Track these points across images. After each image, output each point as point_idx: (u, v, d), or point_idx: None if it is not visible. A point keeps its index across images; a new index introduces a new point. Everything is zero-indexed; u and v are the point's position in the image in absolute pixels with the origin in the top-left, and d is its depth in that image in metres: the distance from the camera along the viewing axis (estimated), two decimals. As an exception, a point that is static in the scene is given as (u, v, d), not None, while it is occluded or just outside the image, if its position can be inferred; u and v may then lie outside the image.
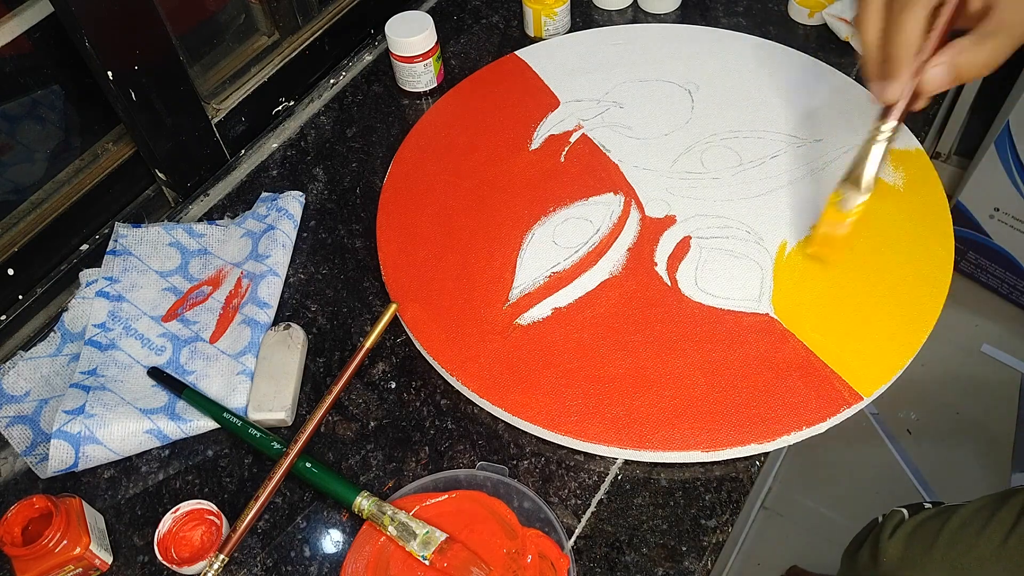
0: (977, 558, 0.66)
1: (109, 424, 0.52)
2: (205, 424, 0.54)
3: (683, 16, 0.81)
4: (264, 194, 0.68)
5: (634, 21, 0.81)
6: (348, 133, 0.74)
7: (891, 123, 0.50)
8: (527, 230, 0.63)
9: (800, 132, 0.67)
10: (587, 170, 0.66)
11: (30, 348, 0.59)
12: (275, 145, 0.74)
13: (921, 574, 0.69)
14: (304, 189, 0.69)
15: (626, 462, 0.52)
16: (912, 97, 0.48)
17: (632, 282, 0.59)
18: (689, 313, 0.57)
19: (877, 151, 0.51)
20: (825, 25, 0.77)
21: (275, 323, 0.59)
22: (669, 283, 0.58)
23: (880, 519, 0.77)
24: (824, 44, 0.76)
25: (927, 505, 0.75)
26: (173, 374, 0.56)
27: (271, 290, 0.60)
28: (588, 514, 0.50)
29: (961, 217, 1.34)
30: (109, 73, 0.60)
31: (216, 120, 0.72)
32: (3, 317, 0.62)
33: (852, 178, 0.52)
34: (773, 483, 1.24)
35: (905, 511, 0.75)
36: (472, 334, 0.57)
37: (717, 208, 0.62)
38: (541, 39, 0.80)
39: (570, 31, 0.80)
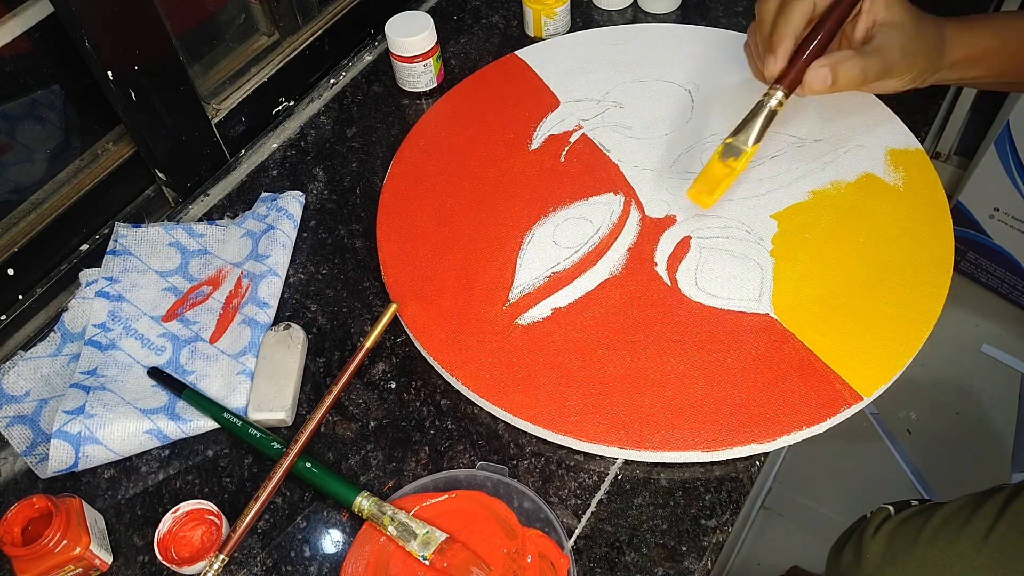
0: (958, 554, 0.66)
1: (109, 424, 0.52)
2: (205, 424, 0.54)
3: (683, 16, 0.81)
4: (264, 194, 0.68)
5: (634, 21, 0.81)
6: (348, 133, 0.74)
7: (780, 90, 0.57)
8: (527, 230, 0.63)
9: (800, 132, 0.67)
10: (587, 170, 0.66)
11: (30, 348, 0.59)
12: (275, 145, 0.74)
13: (902, 570, 0.69)
14: (304, 189, 0.69)
15: (626, 462, 0.52)
16: (797, 84, 0.57)
17: (632, 282, 0.59)
18: (689, 313, 0.57)
19: (762, 112, 0.57)
20: (825, 25, 0.77)
21: (275, 323, 0.59)
22: (669, 283, 0.58)
23: (868, 516, 0.77)
24: (824, 44, 0.76)
25: (914, 502, 0.75)
26: (173, 374, 0.56)
27: (271, 290, 0.60)
28: (588, 514, 0.50)
29: (961, 217, 1.34)
30: (109, 73, 0.60)
31: (216, 120, 0.72)
32: (3, 317, 0.62)
33: (736, 134, 0.58)
34: (773, 483, 1.24)
35: (891, 508, 0.75)
36: (472, 334, 0.57)
37: (717, 208, 0.62)
38: (541, 39, 0.80)
39: (570, 31, 0.80)
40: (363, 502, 0.49)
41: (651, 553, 0.48)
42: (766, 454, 0.52)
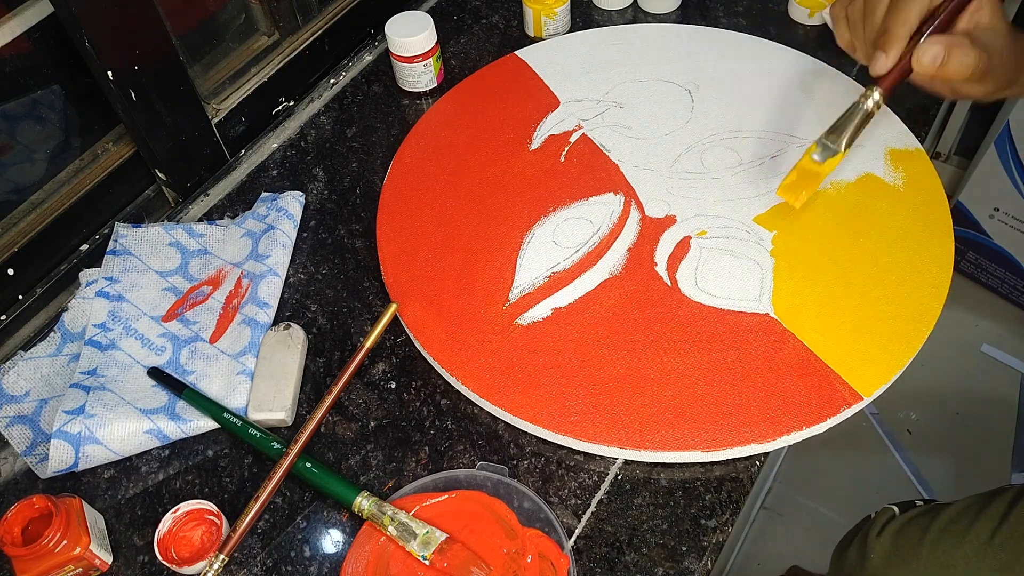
0: (963, 556, 0.66)
1: (109, 424, 0.52)
2: (205, 424, 0.54)
3: (683, 16, 0.81)
4: (264, 194, 0.68)
5: (634, 21, 0.81)
6: (348, 133, 0.74)
7: (877, 91, 0.54)
8: (527, 230, 0.63)
9: (800, 132, 0.67)
10: (587, 170, 0.66)
11: (30, 348, 0.59)
12: (275, 145, 0.74)
13: (907, 572, 0.68)
14: (304, 189, 0.69)
15: (626, 462, 0.52)
16: (903, 71, 0.53)
17: (632, 282, 0.59)
18: (689, 313, 0.57)
19: (857, 114, 0.55)
20: (825, 25, 0.77)
21: (275, 323, 0.59)
22: (669, 283, 0.58)
23: (872, 516, 0.77)
24: (824, 44, 0.76)
25: (919, 503, 0.75)
26: (173, 374, 0.56)
27: (271, 290, 0.60)
28: (588, 514, 0.50)
29: (961, 217, 1.34)
30: (109, 73, 0.60)
31: (216, 120, 0.72)
32: (3, 317, 0.62)
33: (830, 133, 0.55)
34: (773, 483, 1.24)
35: (896, 508, 0.75)
36: (472, 334, 0.57)
37: (717, 208, 0.62)
38: (541, 39, 0.80)
39: (570, 31, 0.80)
40: (363, 502, 0.49)
41: (651, 553, 0.48)
42: (766, 454, 0.52)
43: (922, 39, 0.51)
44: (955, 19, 0.53)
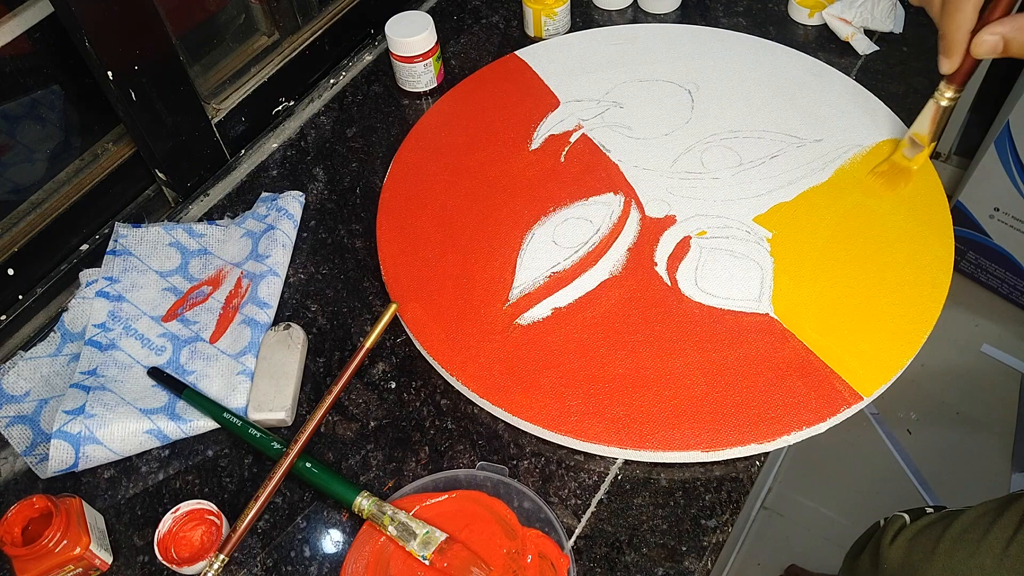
0: (978, 566, 0.66)
1: (109, 424, 0.52)
2: (205, 424, 0.54)
3: (683, 16, 0.81)
4: (264, 194, 0.68)
5: (634, 21, 0.81)
6: (348, 133, 0.74)
7: (950, 89, 0.56)
8: (527, 230, 0.63)
9: (800, 132, 0.67)
10: (587, 170, 0.66)
11: (30, 348, 0.59)
12: (275, 145, 0.74)
13: None
14: (304, 189, 0.69)
15: (626, 462, 0.52)
16: (971, 64, 0.53)
17: (632, 282, 0.59)
18: (689, 313, 0.57)
19: (931, 107, 0.58)
20: (825, 25, 0.77)
21: (275, 323, 0.59)
22: (669, 283, 0.58)
23: (882, 523, 0.76)
24: (824, 44, 0.76)
25: (929, 510, 0.75)
26: (173, 374, 0.56)
27: (271, 290, 0.60)
28: (588, 514, 0.50)
29: (961, 217, 1.34)
30: (109, 73, 0.60)
31: (216, 120, 0.72)
32: (3, 317, 0.62)
33: (915, 130, 0.59)
34: (773, 483, 1.24)
35: (907, 516, 0.74)
36: (472, 334, 0.57)
37: (717, 208, 0.62)
38: (541, 39, 0.80)
39: (570, 31, 0.80)
40: (363, 502, 0.49)
41: (651, 553, 0.48)
42: (766, 454, 0.52)
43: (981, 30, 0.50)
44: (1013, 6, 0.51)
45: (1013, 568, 0.64)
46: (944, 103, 0.57)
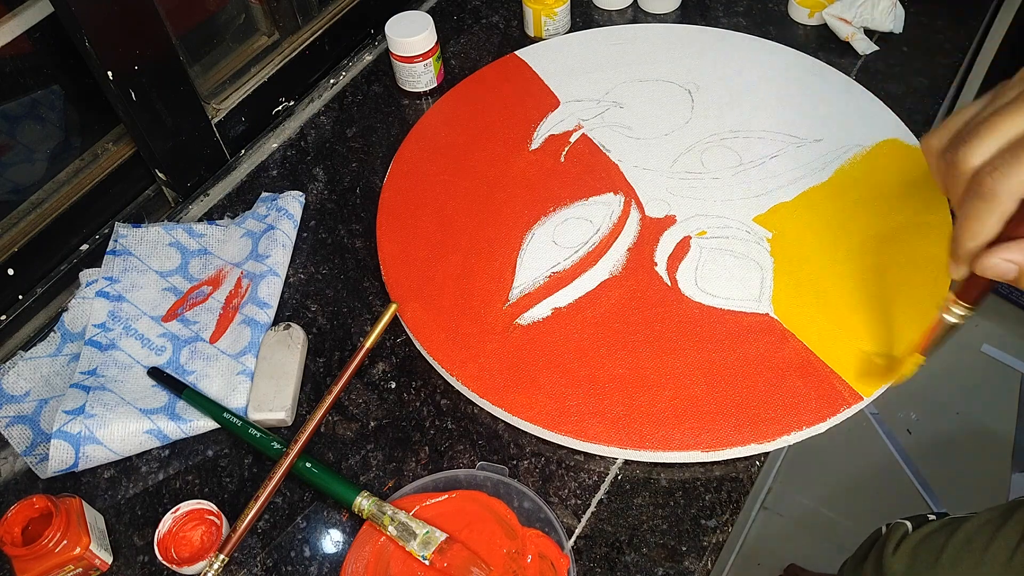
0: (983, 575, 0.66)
1: (109, 424, 0.52)
2: (205, 424, 0.54)
3: (683, 16, 0.81)
4: (264, 194, 0.68)
5: (634, 21, 0.81)
6: (348, 133, 0.74)
7: (957, 307, 0.44)
8: (527, 230, 0.63)
9: (800, 132, 0.67)
10: (587, 170, 0.66)
11: (30, 348, 0.59)
12: (275, 145, 0.74)
13: None
14: (304, 189, 0.69)
15: (626, 462, 0.52)
16: (979, 301, 0.43)
17: (632, 282, 0.59)
18: (689, 313, 0.57)
19: (940, 322, 0.46)
20: (825, 25, 0.77)
21: (275, 323, 0.59)
22: (669, 283, 0.58)
23: (884, 530, 0.76)
24: (824, 44, 0.76)
25: (931, 517, 0.74)
26: (173, 374, 0.56)
27: (271, 290, 0.60)
28: (588, 514, 0.50)
29: (961, 217, 1.34)
30: (109, 73, 0.60)
31: (216, 120, 0.72)
32: (3, 317, 0.62)
33: (924, 351, 0.48)
34: (773, 483, 1.24)
35: (909, 524, 0.74)
36: (472, 334, 0.57)
37: (717, 208, 0.62)
38: (541, 39, 0.80)
39: (570, 31, 0.80)
40: (363, 502, 0.49)
41: (651, 553, 0.48)
42: (766, 454, 0.52)
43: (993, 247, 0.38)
44: None
45: None
46: (951, 321, 0.45)
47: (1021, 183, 0.36)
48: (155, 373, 0.56)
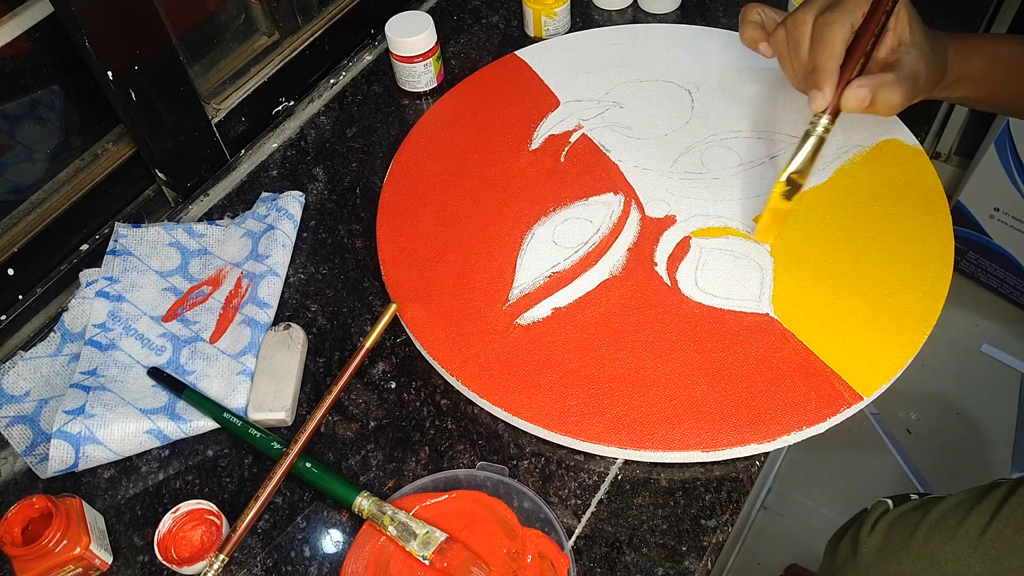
0: (953, 550, 0.66)
1: (109, 424, 0.52)
2: (205, 424, 0.54)
3: (683, 16, 0.81)
4: (264, 194, 0.68)
5: (634, 21, 0.81)
6: (348, 133, 0.74)
7: (824, 118, 0.53)
8: (527, 230, 0.63)
9: (799, 132, 0.67)
10: (587, 170, 0.66)
11: (30, 348, 0.59)
12: (275, 145, 0.74)
13: (898, 566, 0.68)
14: (304, 189, 0.69)
15: (626, 462, 0.52)
16: (838, 108, 0.53)
17: (632, 282, 0.59)
18: (689, 313, 0.57)
19: (807, 144, 0.54)
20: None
21: (275, 323, 0.59)
22: (669, 283, 0.58)
23: (867, 509, 0.76)
24: (824, 44, 0.76)
25: (913, 496, 0.75)
26: (173, 374, 0.56)
27: (271, 290, 0.60)
28: (588, 514, 0.50)
29: (961, 217, 1.34)
30: (109, 73, 0.60)
31: (216, 120, 0.72)
32: (3, 317, 0.62)
33: (790, 171, 0.55)
34: (773, 483, 1.24)
35: (890, 501, 0.74)
36: (472, 334, 0.57)
37: (717, 208, 0.62)
38: (541, 39, 0.80)
39: (570, 31, 0.80)
40: (363, 502, 0.49)
41: (651, 553, 0.48)
42: (766, 454, 0.52)
43: (848, 83, 0.52)
44: (880, 40, 0.53)
45: (987, 553, 0.64)
46: (820, 131, 0.54)
47: (849, 15, 0.51)
48: (155, 373, 0.56)
